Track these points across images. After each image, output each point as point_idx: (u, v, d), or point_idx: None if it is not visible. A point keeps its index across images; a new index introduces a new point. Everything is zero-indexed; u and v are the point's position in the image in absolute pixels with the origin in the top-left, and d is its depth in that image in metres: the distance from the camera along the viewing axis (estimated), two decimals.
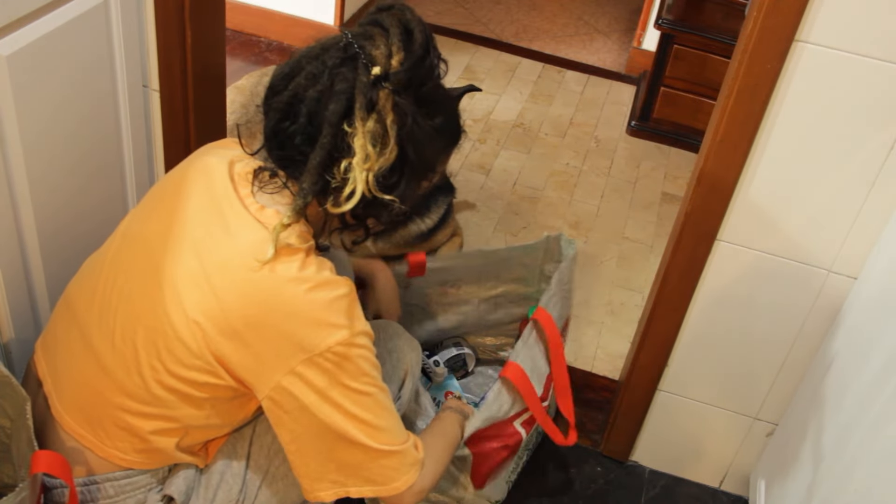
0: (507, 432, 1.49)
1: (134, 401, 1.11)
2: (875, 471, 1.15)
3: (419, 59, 1.06)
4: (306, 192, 1.06)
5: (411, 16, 1.08)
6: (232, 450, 1.23)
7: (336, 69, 1.04)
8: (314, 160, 1.05)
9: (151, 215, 1.17)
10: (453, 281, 1.77)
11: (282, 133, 1.08)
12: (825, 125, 1.29)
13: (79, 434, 1.15)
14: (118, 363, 1.11)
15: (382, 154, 1.05)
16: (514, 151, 2.79)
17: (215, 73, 1.60)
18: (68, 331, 1.18)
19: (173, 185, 1.18)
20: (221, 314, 1.05)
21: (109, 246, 1.21)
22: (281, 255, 1.05)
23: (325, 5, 2.98)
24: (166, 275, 1.09)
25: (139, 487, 1.18)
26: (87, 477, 1.16)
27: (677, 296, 1.52)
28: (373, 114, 1.04)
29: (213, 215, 1.11)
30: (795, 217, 1.39)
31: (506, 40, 3.44)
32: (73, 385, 1.16)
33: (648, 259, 2.40)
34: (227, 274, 1.06)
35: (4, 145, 1.22)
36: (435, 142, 1.13)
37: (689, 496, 1.75)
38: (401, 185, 1.09)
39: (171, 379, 1.09)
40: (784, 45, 1.23)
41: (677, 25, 2.70)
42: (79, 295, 1.20)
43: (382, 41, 1.05)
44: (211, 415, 1.14)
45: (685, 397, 1.66)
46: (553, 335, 1.52)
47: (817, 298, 1.45)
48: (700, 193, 1.40)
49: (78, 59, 1.31)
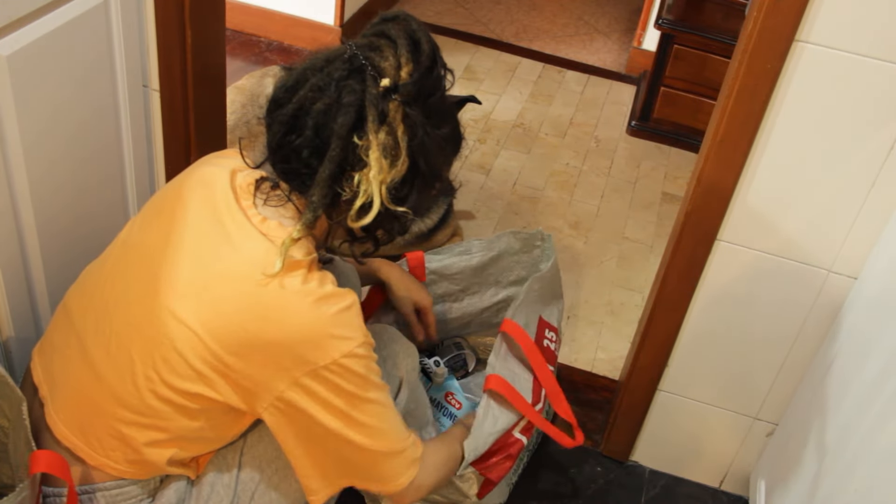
0: (507, 442, 1.47)
1: (128, 410, 1.10)
2: (875, 470, 1.15)
3: (427, 70, 1.06)
4: (316, 206, 1.05)
5: (417, 26, 1.08)
6: (223, 461, 1.22)
7: (343, 81, 1.04)
8: (323, 173, 1.04)
9: (152, 224, 1.17)
10: (456, 293, 1.77)
11: (287, 146, 1.07)
12: (825, 125, 1.29)
13: (71, 442, 1.14)
14: (113, 372, 1.10)
15: (394, 166, 1.05)
16: (514, 151, 2.79)
17: (215, 73, 1.60)
18: (66, 337, 1.18)
19: (174, 195, 1.17)
20: (222, 326, 1.05)
21: (109, 254, 1.20)
22: (285, 269, 1.05)
23: (325, 5, 2.98)
24: (164, 284, 1.08)
25: (130, 498, 1.17)
26: (78, 486, 1.15)
27: (677, 296, 1.52)
28: (384, 126, 1.03)
29: (214, 226, 1.10)
30: (795, 217, 1.39)
31: (506, 40, 3.44)
32: (68, 392, 1.15)
33: (648, 259, 2.40)
34: (230, 286, 1.06)
35: (4, 145, 1.22)
36: (443, 151, 1.13)
37: (689, 496, 1.75)
38: (412, 196, 1.10)
39: (165, 389, 1.08)
40: (784, 45, 1.23)
41: (677, 25, 2.70)
42: (77, 302, 1.19)
43: (391, 52, 1.04)
44: (205, 428, 1.13)
45: (685, 397, 1.66)
46: (526, 343, 1.50)
47: (817, 298, 1.45)
48: (700, 193, 1.40)
49: (78, 59, 1.31)
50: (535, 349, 1.52)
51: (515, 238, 1.72)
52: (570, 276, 2.28)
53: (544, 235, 1.71)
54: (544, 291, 1.61)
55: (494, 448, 1.44)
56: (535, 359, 1.51)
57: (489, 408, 1.41)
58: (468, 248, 1.72)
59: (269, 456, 1.23)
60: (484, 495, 1.49)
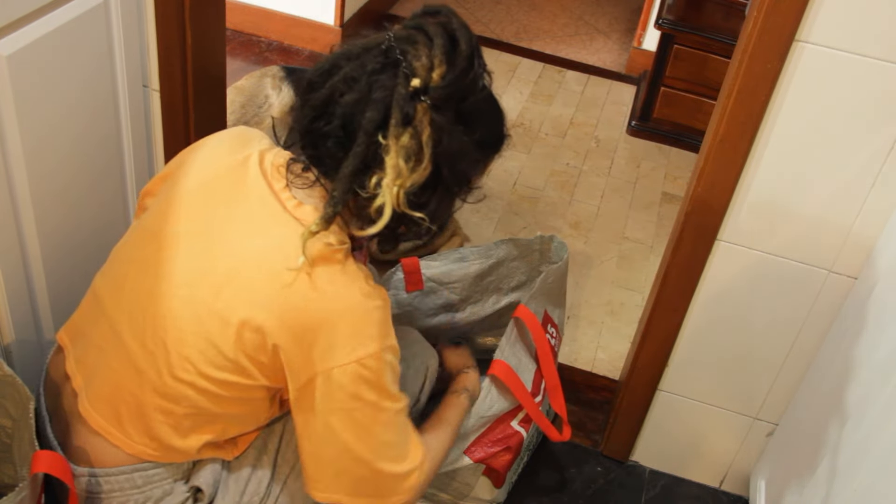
0: (505, 433, 1.48)
1: (165, 400, 1.11)
2: (876, 470, 1.15)
3: (462, 73, 1.03)
4: (337, 202, 1.04)
5: (458, 24, 1.04)
6: (263, 444, 1.24)
7: (375, 75, 1.01)
8: (347, 168, 1.02)
9: (180, 211, 1.13)
10: (456, 304, 1.76)
11: (315, 132, 1.06)
12: (825, 125, 1.29)
13: (108, 431, 1.15)
14: (149, 363, 1.11)
15: (415, 170, 1.02)
16: (514, 151, 2.79)
17: (215, 73, 1.60)
18: (98, 326, 1.17)
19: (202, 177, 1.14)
20: (257, 317, 1.05)
21: (137, 239, 1.18)
22: (320, 258, 1.04)
23: (325, 5, 2.98)
24: (199, 276, 1.08)
25: (166, 478, 1.18)
26: (114, 467, 1.16)
27: (677, 296, 1.52)
28: (409, 128, 1.00)
29: (248, 213, 1.09)
30: (795, 217, 1.39)
31: (506, 40, 3.44)
32: (104, 382, 1.15)
33: (648, 259, 2.40)
34: (265, 276, 1.05)
35: (4, 145, 1.22)
36: (472, 157, 1.10)
37: (689, 496, 1.75)
38: (431, 202, 1.07)
39: (202, 380, 1.09)
40: (784, 45, 1.23)
41: (677, 25, 2.70)
42: (108, 292, 1.18)
43: (425, 51, 1.01)
44: (240, 413, 1.15)
45: (685, 397, 1.66)
46: (537, 332, 1.51)
47: (817, 298, 1.45)
48: (700, 193, 1.40)
49: (78, 59, 1.31)
50: (544, 340, 1.53)
51: (514, 245, 1.72)
52: (570, 276, 2.27)
53: (545, 238, 1.71)
54: (554, 287, 1.62)
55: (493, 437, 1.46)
56: (542, 350, 1.53)
57: (489, 391, 1.43)
58: (464, 255, 1.71)
59: None
60: (501, 485, 1.52)
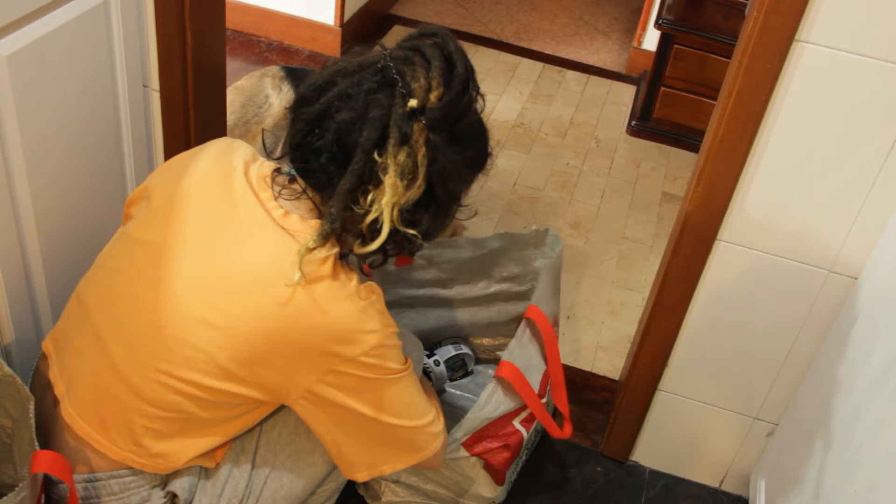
0: (505, 431, 1.48)
1: (150, 405, 1.11)
2: (876, 470, 1.15)
3: (458, 95, 1.04)
4: (335, 218, 1.04)
5: (454, 47, 1.06)
6: (240, 446, 1.24)
7: (372, 94, 1.02)
8: (344, 185, 1.03)
9: (168, 219, 1.14)
10: (445, 281, 1.77)
11: (307, 147, 1.06)
12: (825, 125, 1.29)
13: (93, 438, 1.14)
14: (135, 369, 1.10)
15: (410, 188, 1.04)
16: (514, 151, 2.79)
17: (215, 73, 1.60)
18: (80, 331, 1.17)
19: (188, 187, 1.15)
20: (248, 328, 1.05)
21: (121, 247, 1.18)
22: (314, 271, 1.04)
23: (325, 5, 2.98)
24: (186, 286, 1.08)
25: (143, 484, 1.18)
26: (90, 473, 1.16)
27: (677, 296, 1.52)
28: (405, 147, 1.02)
29: (236, 222, 1.09)
30: (795, 217, 1.39)
31: (506, 40, 3.44)
32: (87, 388, 1.15)
33: (648, 259, 2.40)
34: (254, 288, 1.05)
35: (4, 145, 1.22)
36: (463, 175, 1.12)
37: (689, 496, 1.75)
38: (424, 220, 1.09)
39: (190, 387, 1.08)
40: (784, 45, 1.23)
41: (677, 25, 2.70)
42: (94, 299, 1.18)
43: (423, 73, 1.03)
44: (225, 420, 1.14)
45: (685, 397, 1.66)
46: (547, 332, 1.52)
47: (817, 298, 1.45)
48: (700, 193, 1.40)
49: (78, 59, 1.31)
50: (554, 340, 1.53)
51: (509, 238, 1.72)
52: (570, 276, 2.28)
53: (539, 231, 1.71)
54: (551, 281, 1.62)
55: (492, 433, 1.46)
56: (551, 350, 1.53)
57: (495, 393, 1.43)
58: (458, 243, 1.72)
59: (284, 441, 1.25)
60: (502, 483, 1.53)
